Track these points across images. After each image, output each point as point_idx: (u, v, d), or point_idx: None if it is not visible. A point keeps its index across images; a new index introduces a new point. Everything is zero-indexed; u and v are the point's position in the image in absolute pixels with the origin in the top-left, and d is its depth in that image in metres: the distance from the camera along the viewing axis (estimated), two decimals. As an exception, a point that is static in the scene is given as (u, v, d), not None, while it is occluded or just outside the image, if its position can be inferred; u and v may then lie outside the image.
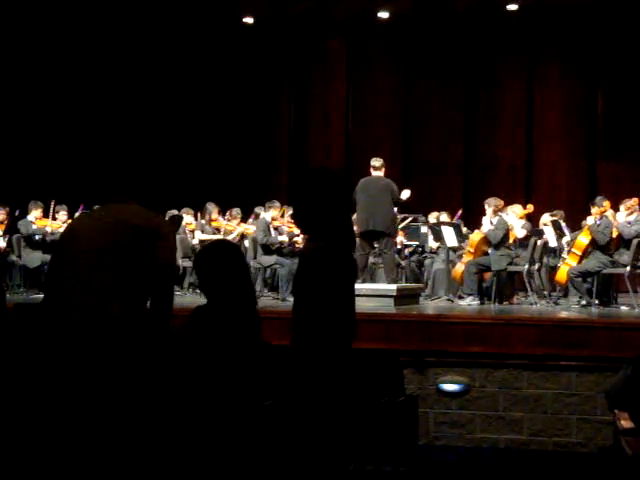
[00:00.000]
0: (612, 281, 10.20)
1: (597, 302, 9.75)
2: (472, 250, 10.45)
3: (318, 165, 15.50)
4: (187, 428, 3.11)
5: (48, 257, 10.62)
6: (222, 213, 11.71)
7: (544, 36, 14.71)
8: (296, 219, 3.52)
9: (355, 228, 10.61)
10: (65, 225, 11.10)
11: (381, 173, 9.87)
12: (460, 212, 12.23)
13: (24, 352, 3.30)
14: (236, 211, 11.61)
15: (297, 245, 11.08)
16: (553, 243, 11.20)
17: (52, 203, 11.19)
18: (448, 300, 10.48)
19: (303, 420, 3.28)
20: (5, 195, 11.55)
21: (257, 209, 11.76)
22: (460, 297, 10.34)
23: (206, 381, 3.15)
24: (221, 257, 3.36)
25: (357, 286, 10.27)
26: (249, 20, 14.92)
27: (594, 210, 9.90)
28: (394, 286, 9.37)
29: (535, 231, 11.07)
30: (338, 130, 15.71)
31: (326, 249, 3.37)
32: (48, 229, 11.03)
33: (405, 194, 9.97)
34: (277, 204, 11.06)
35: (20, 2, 12.95)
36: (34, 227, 10.98)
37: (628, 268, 9.55)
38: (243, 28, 14.99)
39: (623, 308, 9.76)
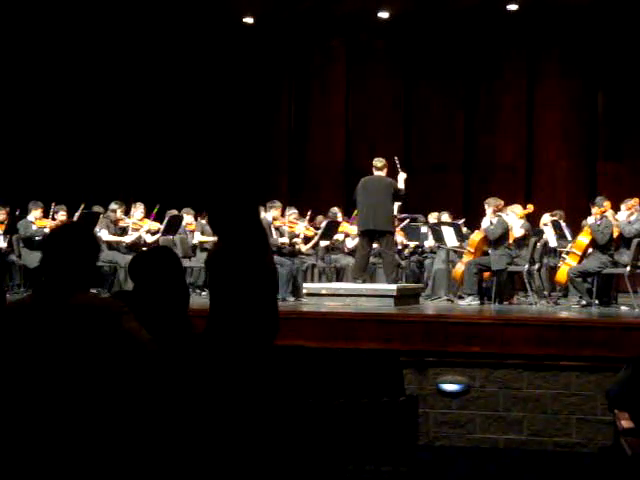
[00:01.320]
0: (612, 281, 10.19)
1: (597, 302, 9.75)
2: (472, 250, 10.45)
3: (318, 165, 15.55)
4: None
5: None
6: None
7: (544, 36, 14.70)
8: (208, 220, 3.55)
9: (355, 227, 10.62)
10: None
11: (383, 173, 9.87)
12: (462, 221, 12.08)
13: (24, 351, 3.29)
14: (236, 211, 11.58)
15: (297, 245, 11.07)
16: (553, 243, 11.20)
17: (53, 205, 11.17)
18: (448, 300, 10.48)
19: (217, 415, 3.27)
20: (5, 195, 11.54)
21: (257, 209, 11.72)
22: (460, 297, 10.34)
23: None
24: (155, 263, 3.36)
25: (357, 286, 10.33)
26: (249, 20, 14.90)
27: (594, 210, 9.91)
28: (394, 286, 9.38)
29: (535, 231, 11.07)
30: (338, 130, 15.70)
31: (228, 250, 3.37)
32: (47, 230, 10.98)
33: (401, 177, 9.92)
34: (278, 204, 11.02)
35: (21, 2, 12.94)
36: (34, 228, 10.94)
37: (628, 268, 9.55)
38: (243, 28, 14.98)
39: (623, 308, 9.76)
